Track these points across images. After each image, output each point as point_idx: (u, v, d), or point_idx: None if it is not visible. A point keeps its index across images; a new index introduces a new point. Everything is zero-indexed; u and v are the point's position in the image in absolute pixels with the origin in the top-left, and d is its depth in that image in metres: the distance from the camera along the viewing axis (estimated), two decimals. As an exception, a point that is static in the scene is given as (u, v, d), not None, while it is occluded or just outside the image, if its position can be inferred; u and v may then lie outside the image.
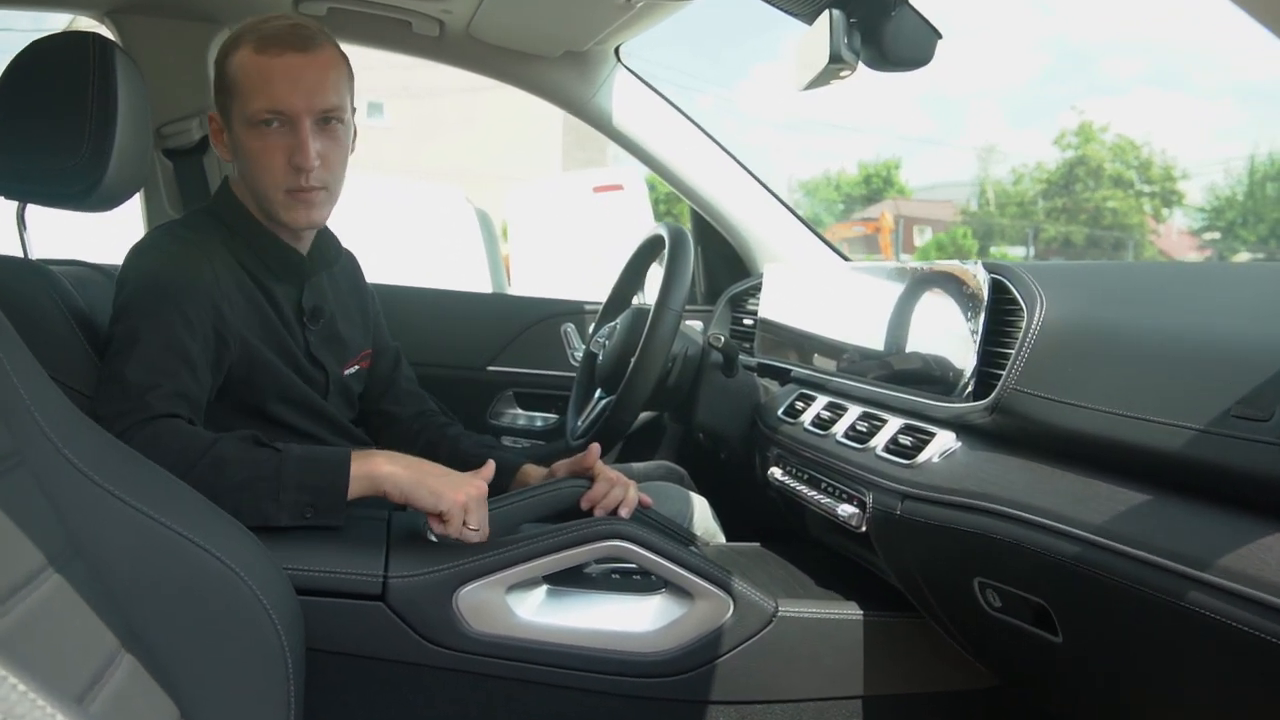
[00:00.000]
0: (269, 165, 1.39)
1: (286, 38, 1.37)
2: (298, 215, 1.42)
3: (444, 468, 1.30)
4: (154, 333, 1.29)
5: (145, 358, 1.27)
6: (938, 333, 1.34)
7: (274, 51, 1.36)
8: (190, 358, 1.30)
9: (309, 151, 1.37)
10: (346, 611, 1.23)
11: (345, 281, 1.65)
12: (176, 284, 1.34)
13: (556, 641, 1.27)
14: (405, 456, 1.30)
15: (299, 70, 1.37)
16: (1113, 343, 1.07)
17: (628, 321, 1.79)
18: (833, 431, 1.46)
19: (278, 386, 1.43)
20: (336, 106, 1.41)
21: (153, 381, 1.26)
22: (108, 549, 1.00)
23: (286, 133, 1.38)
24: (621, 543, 1.28)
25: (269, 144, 1.38)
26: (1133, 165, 30.11)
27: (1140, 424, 0.96)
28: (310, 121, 1.38)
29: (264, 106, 1.36)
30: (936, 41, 1.42)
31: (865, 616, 1.34)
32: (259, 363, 1.41)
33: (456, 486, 1.26)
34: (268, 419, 1.43)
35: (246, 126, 1.38)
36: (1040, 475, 1.08)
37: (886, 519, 1.26)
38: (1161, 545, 0.90)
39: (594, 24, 1.82)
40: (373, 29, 1.96)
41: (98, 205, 1.44)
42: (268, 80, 1.36)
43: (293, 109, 1.37)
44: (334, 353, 1.55)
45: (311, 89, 1.38)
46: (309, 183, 1.39)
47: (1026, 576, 1.08)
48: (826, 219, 32.58)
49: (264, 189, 1.41)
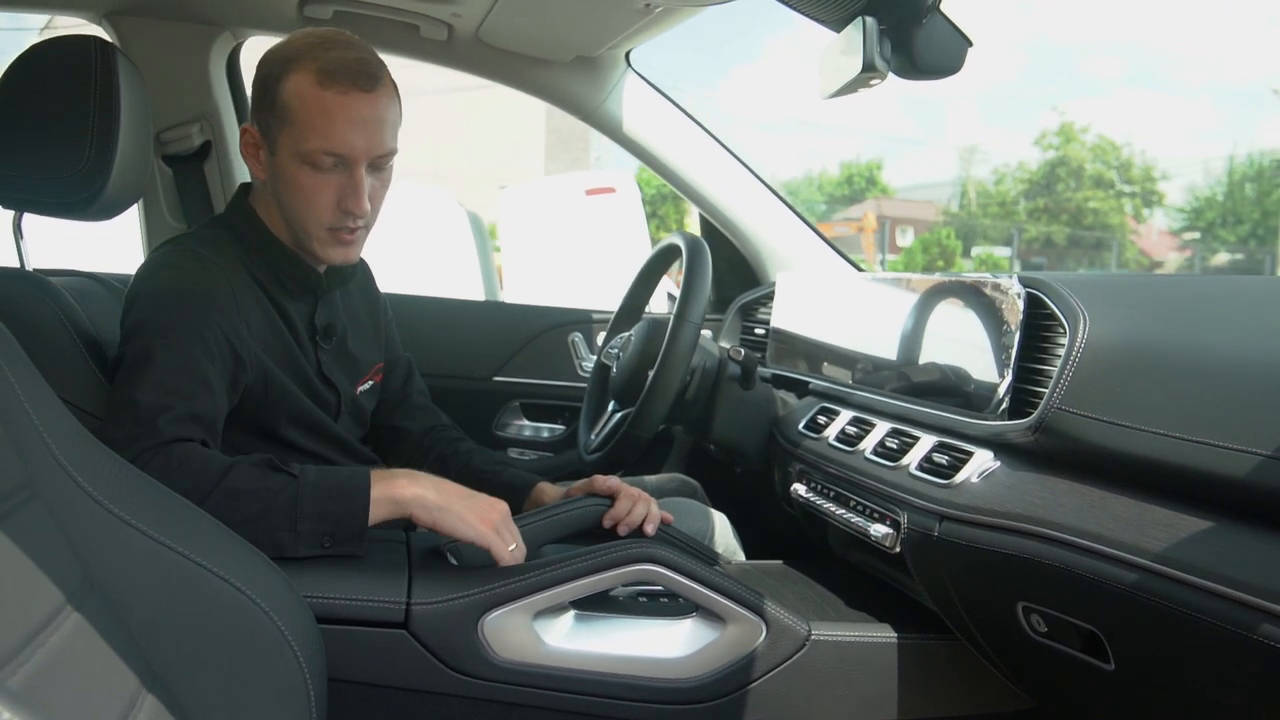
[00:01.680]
0: (316, 203, 1.33)
1: (352, 73, 1.29)
2: (335, 254, 1.38)
3: (466, 489, 1.25)
4: (168, 352, 1.23)
5: (158, 379, 1.22)
6: (965, 347, 1.31)
7: (339, 89, 1.29)
8: (206, 378, 1.25)
9: (363, 199, 1.33)
10: (369, 640, 1.18)
11: (358, 293, 1.60)
12: (193, 302, 1.28)
13: (586, 669, 1.23)
14: (427, 477, 1.25)
15: (363, 112, 1.30)
16: (1165, 362, 1.04)
17: (643, 333, 1.75)
18: (860, 448, 1.43)
19: (290, 408, 1.39)
20: (392, 149, 1.35)
21: (165, 404, 1.20)
22: (125, 582, 0.96)
23: (339, 174, 1.32)
24: (653, 566, 1.24)
25: (320, 182, 1.32)
26: (1113, 166, 30.32)
27: (1201, 448, 0.93)
28: (365, 165, 1.32)
29: (322, 147, 1.30)
30: (967, 49, 1.39)
31: (900, 639, 1.31)
32: (273, 384, 1.36)
33: (484, 512, 1.22)
34: (278, 441, 1.38)
35: (297, 160, 1.31)
36: (1091, 499, 1.04)
37: (923, 540, 1.23)
38: (1229, 574, 0.87)
39: (609, 29, 1.78)
40: (379, 32, 1.92)
41: (98, 214, 1.39)
42: (329, 119, 1.29)
43: (352, 154, 1.31)
44: (346, 371, 1.50)
45: (373, 134, 1.31)
46: (355, 223, 1.35)
47: (1077, 602, 1.05)
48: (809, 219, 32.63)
49: (305, 224, 1.36)
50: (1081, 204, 29.71)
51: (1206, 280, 1.55)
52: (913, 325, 1.46)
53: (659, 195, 21.85)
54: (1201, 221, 29.60)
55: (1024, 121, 60.65)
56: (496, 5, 1.71)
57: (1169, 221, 31.67)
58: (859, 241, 24.26)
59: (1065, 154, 30.28)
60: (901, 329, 1.47)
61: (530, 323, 2.25)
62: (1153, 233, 31.64)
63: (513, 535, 1.25)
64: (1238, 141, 56.50)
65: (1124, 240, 29.61)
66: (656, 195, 21.60)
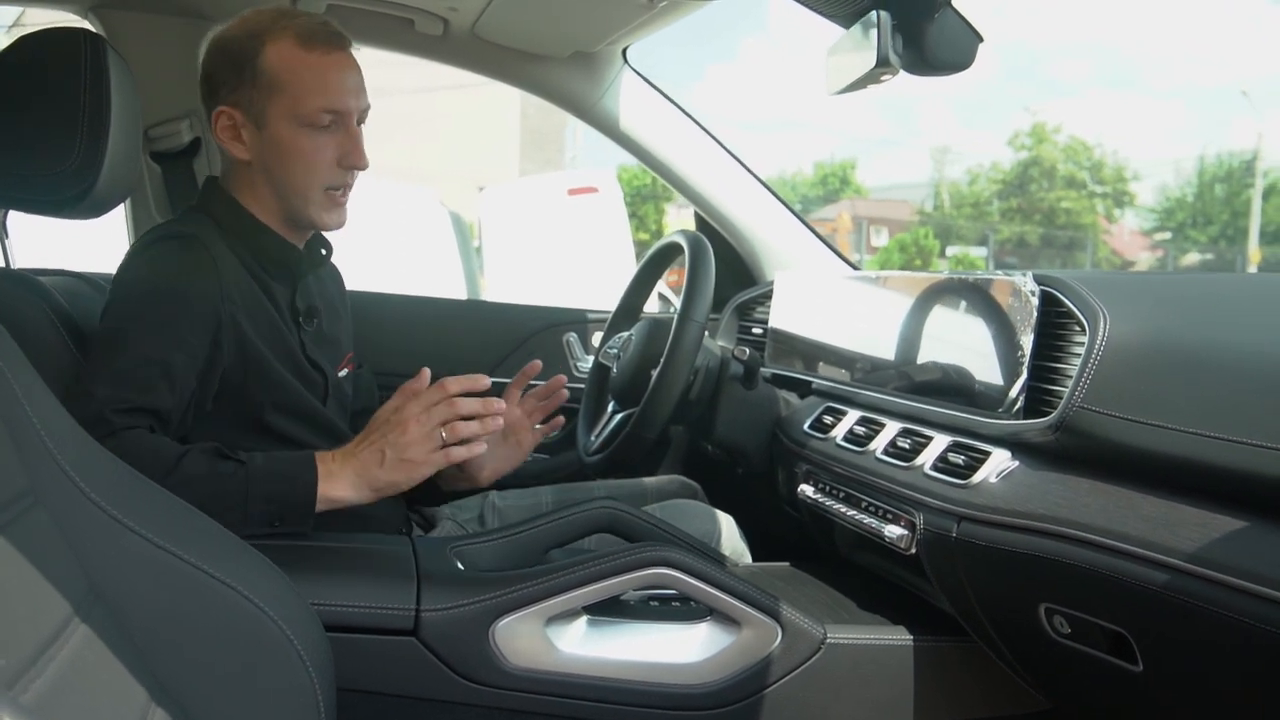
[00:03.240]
0: (316, 164, 1.36)
1: (330, 35, 1.36)
2: (333, 217, 1.42)
3: (373, 456, 1.25)
4: (136, 340, 1.24)
5: (118, 369, 1.22)
6: (976, 344, 1.30)
7: (323, 49, 1.34)
8: (169, 370, 1.25)
9: (363, 151, 1.38)
10: (378, 648, 1.16)
11: (330, 283, 1.61)
12: (173, 287, 1.29)
13: (599, 675, 1.21)
14: (351, 464, 1.25)
15: (349, 68, 1.37)
16: (1188, 358, 1.03)
17: (644, 332, 1.73)
18: (871, 448, 1.41)
19: (275, 393, 1.37)
20: (369, 105, 1.41)
21: (119, 395, 1.21)
22: (130, 590, 0.93)
23: (336, 132, 1.36)
24: (667, 570, 1.22)
25: (319, 143, 1.36)
26: (1085, 166, 30.60)
27: (1230, 445, 0.92)
28: (356, 119, 1.38)
29: (321, 105, 1.34)
30: (978, 45, 1.38)
31: (915, 642, 1.30)
32: (259, 366, 1.35)
33: (405, 453, 1.24)
34: (266, 430, 1.37)
35: (295, 125, 1.35)
36: (1117, 499, 1.03)
37: (940, 541, 1.21)
38: (1266, 574, 0.86)
39: (610, 24, 1.76)
40: (373, 27, 1.88)
41: (87, 212, 1.36)
42: (323, 78, 1.34)
43: (348, 107, 1.36)
44: (327, 354, 1.50)
45: (360, 88, 1.38)
46: (353, 180, 1.40)
47: (1104, 604, 1.04)
48: (792, 219, 32.77)
49: (304, 189, 1.38)
50: (1054, 204, 29.97)
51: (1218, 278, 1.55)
52: (917, 324, 1.45)
53: (637, 195, 21.84)
54: (1172, 222, 29.96)
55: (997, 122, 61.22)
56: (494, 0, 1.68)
57: (1140, 222, 32.07)
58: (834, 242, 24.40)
59: (1038, 154, 30.53)
60: (906, 328, 1.46)
61: (524, 322, 2.22)
62: (1124, 233, 31.99)
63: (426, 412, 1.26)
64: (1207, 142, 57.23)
65: (1096, 240, 29.90)
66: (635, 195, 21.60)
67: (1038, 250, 29.68)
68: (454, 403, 1.25)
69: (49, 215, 1.36)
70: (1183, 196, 29.95)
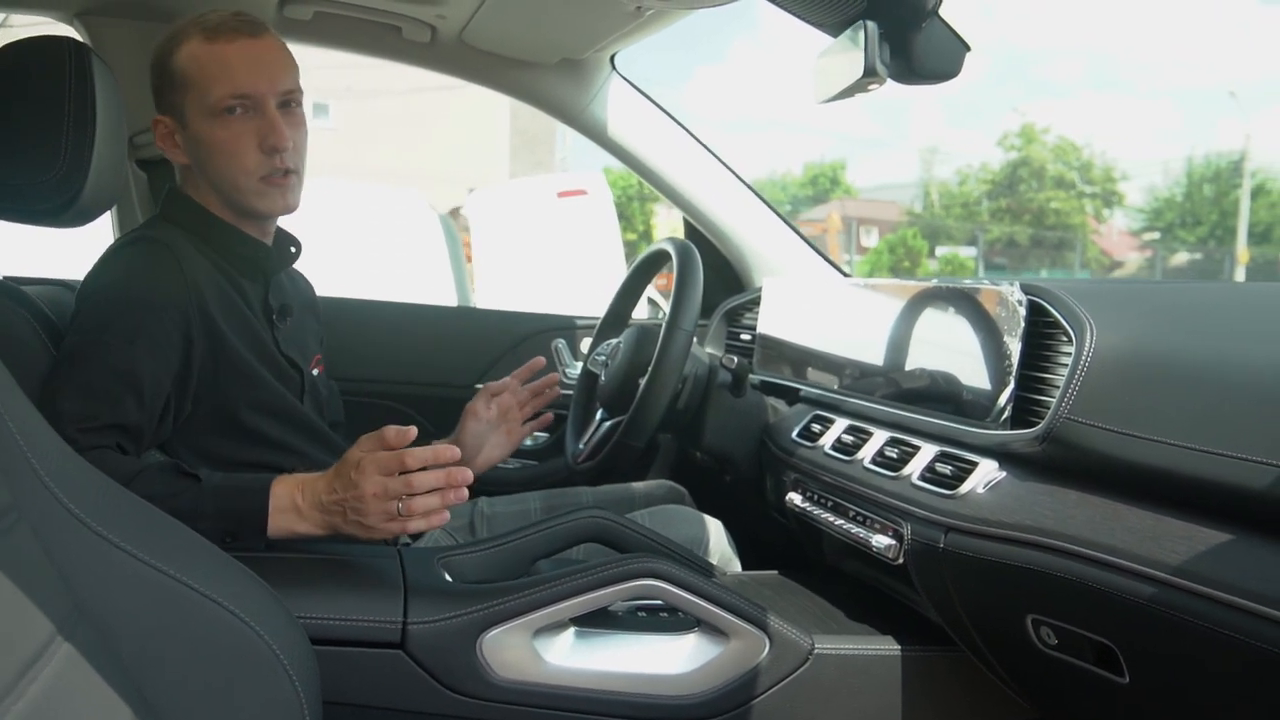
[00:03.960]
0: (239, 153, 1.35)
1: (235, 24, 1.35)
2: (274, 202, 1.39)
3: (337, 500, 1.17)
4: (101, 354, 1.24)
5: (85, 383, 1.22)
6: (964, 353, 1.30)
7: (226, 37, 1.34)
8: (137, 381, 1.24)
9: (283, 130, 1.34)
10: (364, 661, 1.16)
11: (301, 284, 1.61)
12: (140, 292, 1.29)
13: (587, 687, 1.20)
14: (316, 511, 1.18)
15: (256, 52, 1.35)
16: (1175, 370, 1.03)
17: (632, 340, 1.73)
18: (858, 457, 1.41)
19: (252, 391, 1.37)
20: (296, 88, 1.39)
21: (86, 412, 1.20)
22: (115, 608, 0.92)
23: (253, 117, 1.34)
24: (654, 581, 1.22)
25: (235, 131, 1.34)
26: (1074, 166, 30.67)
27: (1216, 459, 0.92)
28: (274, 103, 1.35)
29: (227, 92, 1.33)
30: (965, 54, 1.38)
31: (903, 652, 1.29)
32: (235, 363, 1.35)
33: (365, 517, 1.15)
34: (243, 430, 1.36)
35: (208, 118, 1.34)
36: (1104, 511, 1.03)
37: (928, 552, 1.21)
38: (1251, 588, 0.86)
39: (597, 31, 1.75)
40: (360, 34, 1.88)
41: (73, 221, 1.35)
42: (226, 66, 1.33)
43: (257, 91, 1.34)
44: (300, 352, 1.49)
45: (272, 70, 1.36)
46: (284, 164, 1.36)
47: (1091, 616, 1.04)
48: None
49: (235, 180, 1.36)
50: (1043, 204, 30.04)
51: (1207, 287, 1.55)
52: (905, 332, 1.45)
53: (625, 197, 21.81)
54: (1161, 222, 30.05)
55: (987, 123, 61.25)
56: (482, 7, 1.68)
57: (1129, 222, 32.16)
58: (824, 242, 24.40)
59: (1027, 155, 30.60)
60: (894, 336, 1.46)
61: (512, 329, 2.21)
62: (1113, 233, 32.08)
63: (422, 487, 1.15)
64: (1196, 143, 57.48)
65: (1085, 240, 29.98)
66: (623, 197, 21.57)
67: (1027, 250, 29.76)
68: (410, 481, 1.15)
69: (35, 224, 1.35)
70: (1171, 197, 30.07)
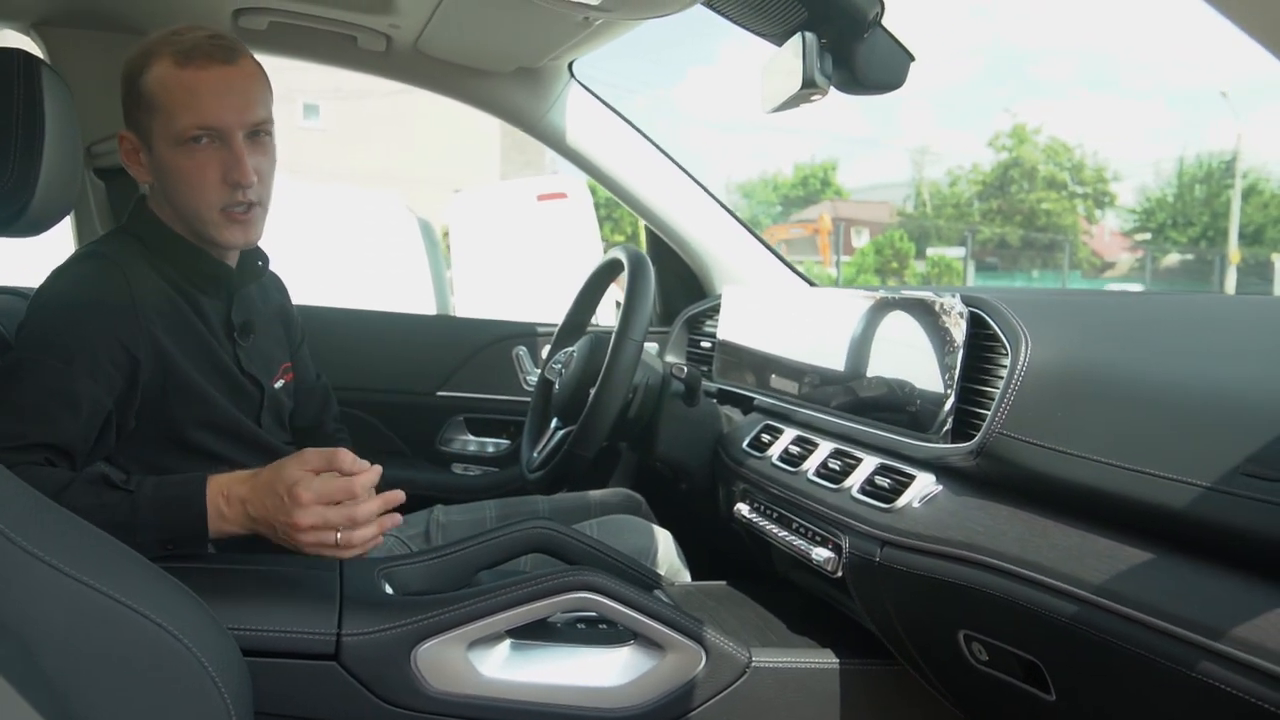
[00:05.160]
0: (201, 184, 1.32)
1: (209, 50, 1.31)
2: (234, 235, 1.36)
3: (276, 503, 1.17)
4: (38, 371, 1.22)
5: (17, 402, 1.20)
6: (910, 365, 1.29)
7: (198, 64, 1.30)
8: (74, 397, 1.22)
9: (247, 167, 1.32)
10: (298, 672, 1.15)
11: (272, 291, 1.59)
12: (81, 309, 1.27)
13: (521, 699, 1.20)
14: (242, 519, 1.19)
15: (227, 83, 1.31)
16: (1107, 387, 1.02)
17: (585, 349, 1.72)
18: (803, 469, 1.41)
19: (200, 410, 1.35)
20: (266, 118, 1.36)
21: (18, 431, 1.19)
22: (39, 622, 0.91)
23: (218, 149, 1.32)
24: (589, 594, 1.22)
25: (199, 161, 1.31)
26: (1066, 167, 30.73)
27: (1140, 477, 0.92)
28: (242, 135, 1.32)
29: (194, 123, 1.30)
30: (909, 64, 1.38)
31: (841, 665, 1.29)
32: (182, 383, 1.33)
33: (289, 534, 1.16)
34: (188, 446, 1.35)
35: (173, 145, 1.31)
36: (1033, 527, 1.03)
37: (864, 565, 1.21)
38: (1169, 610, 0.86)
39: (549, 41, 1.75)
40: (316, 43, 1.87)
41: (25, 230, 1.34)
42: (194, 95, 1.29)
43: (225, 124, 1.31)
44: (263, 367, 1.48)
45: (242, 102, 1.32)
46: (246, 197, 1.33)
47: (1018, 632, 1.03)
48: (764, 220, 32.80)
49: (196, 209, 1.34)
50: (1035, 205, 30.08)
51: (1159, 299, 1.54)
52: (857, 341, 1.44)
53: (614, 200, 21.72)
54: (1153, 222, 30.09)
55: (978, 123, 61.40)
56: (434, 17, 1.67)
57: (1121, 222, 32.20)
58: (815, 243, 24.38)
59: (1018, 155, 30.65)
60: (846, 344, 1.45)
61: (474, 336, 2.21)
62: (1105, 233, 32.14)
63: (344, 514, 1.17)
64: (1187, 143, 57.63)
65: (1076, 241, 30.02)
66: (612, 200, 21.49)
67: (1018, 251, 29.79)
68: (353, 515, 1.16)
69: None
70: (1163, 197, 30.12)
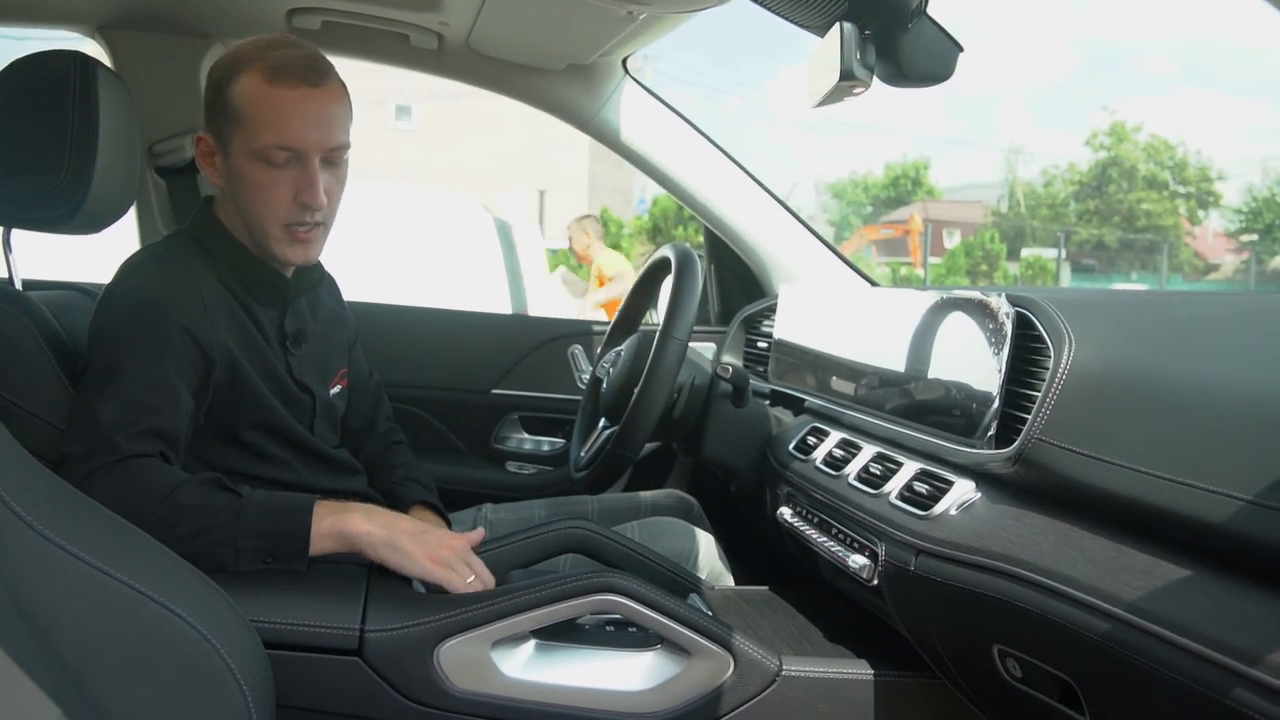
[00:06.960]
0: (272, 200, 1.34)
1: (300, 70, 1.32)
2: (294, 252, 1.39)
3: (420, 524, 1.26)
4: (135, 364, 1.25)
5: (122, 392, 1.23)
6: (957, 366, 1.25)
7: (287, 83, 1.31)
8: (173, 389, 1.26)
9: (319, 190, 1.34)
10: (320, 667, 1.16)
11: (329, 302, 1.61)
12: (159, 307, 1.30)
13: (543, 700, 1.19)
14: (381, 513, 1.26)
15: (313, 105, 1.32)
16: (1149, 392, 0.97)
17: (632, 348, 1.70)
18: (845, 473, 1.37)
19: (257, 411, 1.38)
20: (345, 144, 1.37)
21: (128, 419, 1.22)
22: (55, 608, 0.93)
23: (294, 168, 1.33)
24: (614, 596, 1.20)
25: (274, 178, 1.33)
26: (1167, 166, 29.66)
27: (1179, 488, 0.86)
28: (319, 159, 1.34)
29: (275, 142, 1.32)
30: (957, 55, 1.33)
31: (876, 676, 1.25)
32: (243, 383, 1.36)
33: (432, 549, 1.22)
34: (241, 444, 1.38)
35: (251, 158, 1.33)
36: (1069, 538, 0.98)
37: (900, 574, 1.17)
38: (1205, 632, 0.80)
39: (597, 37, 1.74)
40: (369, 42, 1.89)
41: (83, 228, 1.39)
42: (280, 114, 1.31)
43: (304, 146, 1.32)
44: (317, 375, 1.50)
45: (325, 126, 1.33)
46: (313, 219, 1.36)
47: (1051, 649, 0.98)
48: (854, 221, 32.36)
49: (262, 222, 1.36)
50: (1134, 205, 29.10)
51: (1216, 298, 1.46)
52: (909, 342, 1.40)
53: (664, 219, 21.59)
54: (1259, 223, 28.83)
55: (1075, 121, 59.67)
56: (482, 14, 1.67)
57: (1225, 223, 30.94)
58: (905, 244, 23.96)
59: (1117, 154, 29.69)
60: (898, 346, 1.41)
61: (529, 334, 2.21)
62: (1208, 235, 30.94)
63: (471, 567, 1.24)
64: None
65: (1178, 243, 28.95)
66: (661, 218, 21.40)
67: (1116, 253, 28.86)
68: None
69: (47, 231, 1.39)
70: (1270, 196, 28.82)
